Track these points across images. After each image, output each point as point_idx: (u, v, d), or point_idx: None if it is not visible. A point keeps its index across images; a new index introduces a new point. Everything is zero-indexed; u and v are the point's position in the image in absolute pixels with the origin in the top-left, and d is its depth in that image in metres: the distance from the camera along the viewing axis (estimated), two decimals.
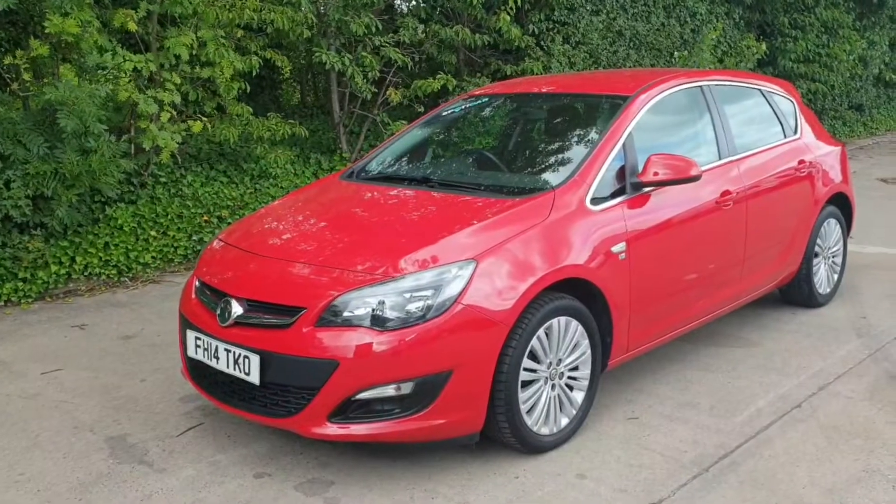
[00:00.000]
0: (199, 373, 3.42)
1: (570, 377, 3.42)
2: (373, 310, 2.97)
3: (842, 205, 5.32)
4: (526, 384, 3.21)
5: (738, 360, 4.33)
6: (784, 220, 4.71)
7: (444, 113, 4.69)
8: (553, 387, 3.34)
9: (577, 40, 9.79)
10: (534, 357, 3.23)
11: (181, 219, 6.62)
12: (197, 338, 3.35)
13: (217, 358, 3.22)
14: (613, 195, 3.67)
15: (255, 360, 3.06)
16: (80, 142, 5.65)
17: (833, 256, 5.25)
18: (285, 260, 3.31)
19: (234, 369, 3.15)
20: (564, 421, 3.40)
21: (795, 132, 5.02)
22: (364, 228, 3.54)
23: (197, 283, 3.56)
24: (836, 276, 5.31)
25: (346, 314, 2.99)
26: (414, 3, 9.77)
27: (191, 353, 3.40)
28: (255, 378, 3.07)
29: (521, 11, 9.30)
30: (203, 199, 6.82)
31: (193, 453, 3.40)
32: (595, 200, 3.57)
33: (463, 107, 4.71)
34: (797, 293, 5.07)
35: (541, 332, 3.21)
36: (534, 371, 3.24)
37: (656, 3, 10.80)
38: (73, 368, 4.39)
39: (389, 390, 2.95)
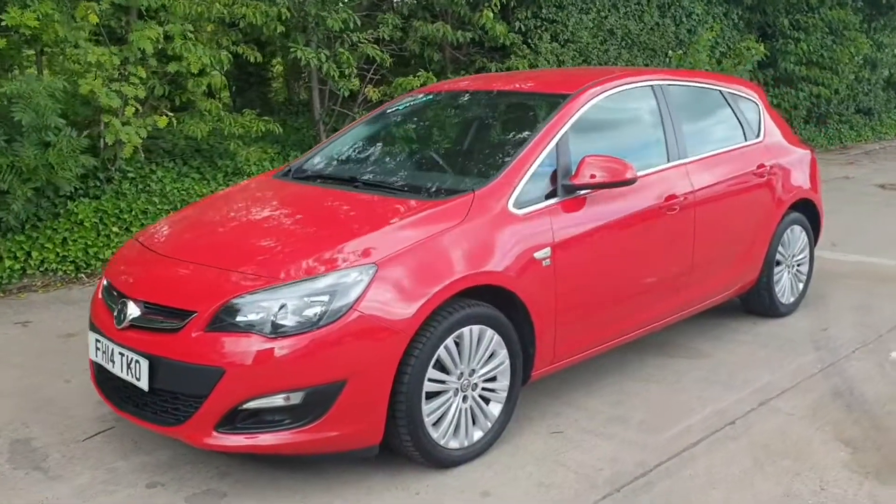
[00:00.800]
0: (102, 377, 3.31)
1: (485, 388, 3.26)
2: (264, 315, 2.84)
3: (809, 212, 5.10)
4: (432, 395, 3.06)
5: (683, 371, 4.15)
6: (739, 226, 4.51)
7: (389, 111, 4.55)
8: (465, 398, 3.19)
9: (565, 38, 9.59)
10: (442, 367, 3.08)
11: (146, 215, 6.52)
12: (97, 340, 3.24)
13: (113, 361, 3.11)
14: (546, 198, 3.52)
15: (144, 364, 2.95)
16: (39, 135, 5.58)
17: (798, 265, 5.03)
18: (187, 261, 3.20)
19: (127, 374, 3.03)
20: (478, 434, 3.25)
21: (758, 135, 4.82)
22: (276, 230, 3.42)
23: (105, 282, 3.46)
24: (801, 286, 5.09)
25: (237, 319, 2.86)
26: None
27: (91, 355, 3.30)
28: (144, 384, 2.96)
29: (507, 8, 9.13)
30: (170, 196, 6.72)
31: (94, 459, 3.29)
32: (521, 204, 3.41)
33: (407, 105, 4.57)
34: (757, 302, 4.87)
35: (449, 341, 3.06)
36: (442, 382, 3.08)
37: (650, 2, 10.54)
38: (2, 367, 4.30)
39: (278, 400, 2.82)
